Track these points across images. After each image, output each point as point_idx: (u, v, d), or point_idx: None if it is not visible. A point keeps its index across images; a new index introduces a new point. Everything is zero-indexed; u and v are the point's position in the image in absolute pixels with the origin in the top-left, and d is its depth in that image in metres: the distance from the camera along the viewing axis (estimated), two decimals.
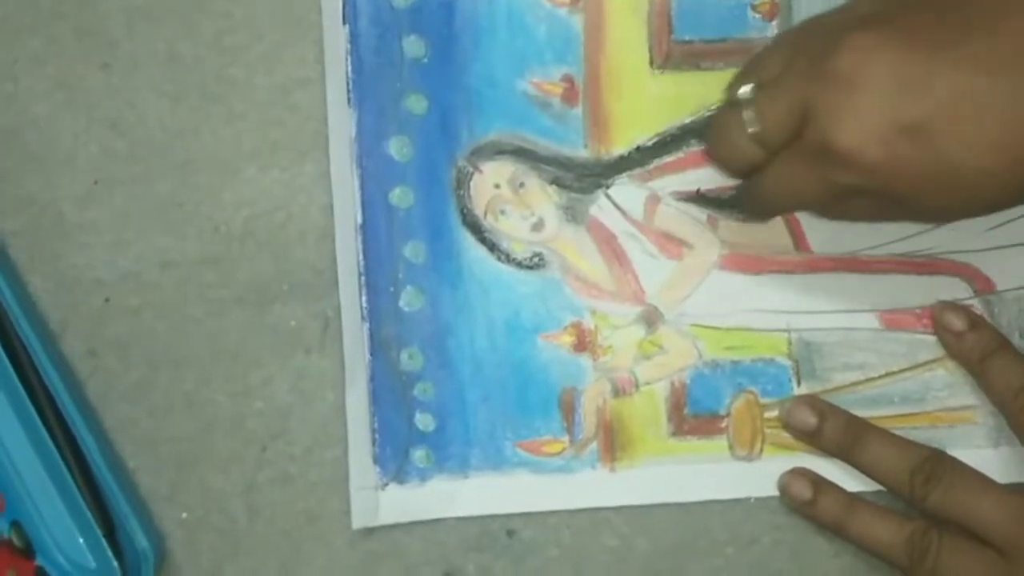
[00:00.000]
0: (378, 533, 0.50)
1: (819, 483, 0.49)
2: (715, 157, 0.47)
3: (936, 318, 0.49)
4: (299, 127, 0.49)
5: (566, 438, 0.50)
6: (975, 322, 0.49)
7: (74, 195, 0.49)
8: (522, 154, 0.49)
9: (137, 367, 0.50)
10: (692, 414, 0.50)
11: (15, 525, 0.47)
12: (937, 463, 0.47)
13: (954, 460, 0.47)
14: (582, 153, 0.50)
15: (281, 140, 0.49)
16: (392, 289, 0.49)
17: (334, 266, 0.49)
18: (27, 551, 0.47)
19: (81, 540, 0.47)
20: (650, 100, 0.49)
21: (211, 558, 0.50)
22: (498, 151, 0.49)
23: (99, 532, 0.47)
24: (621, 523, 0.50)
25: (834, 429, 0.48)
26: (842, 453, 0.48)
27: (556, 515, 0.50)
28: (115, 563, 0.47)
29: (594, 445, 0.50)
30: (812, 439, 0.49)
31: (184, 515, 0.50)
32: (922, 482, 0.47)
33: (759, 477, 0.49)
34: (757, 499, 0.50)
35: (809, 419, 0.49)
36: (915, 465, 0.47)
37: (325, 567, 0.50)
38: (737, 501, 0.50)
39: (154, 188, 0.49)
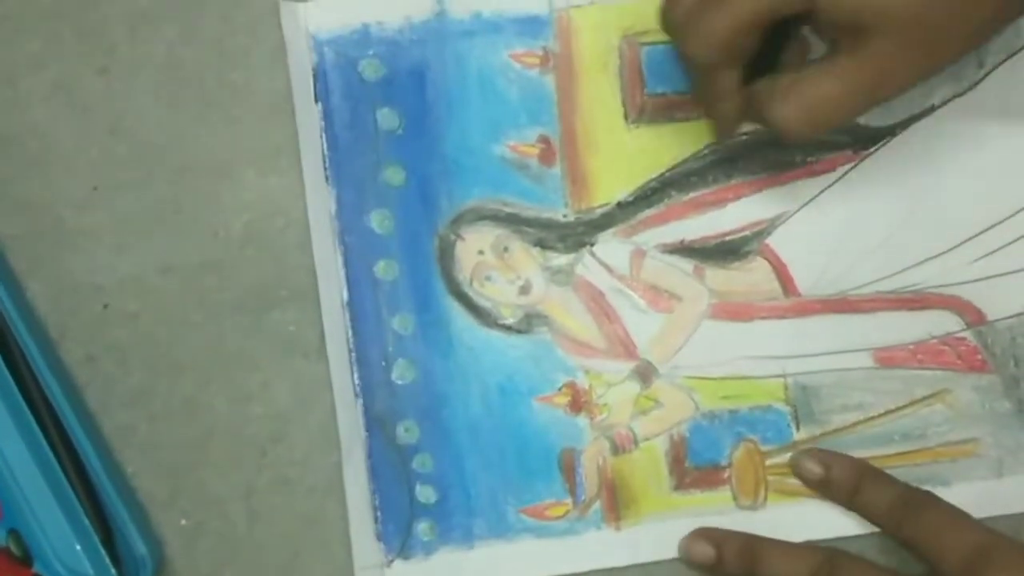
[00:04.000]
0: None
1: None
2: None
3: (795, 470, 0.49)
4: (298, 131, 0.49)
5: (569, 500, 0.49)
6: (830, 462, 0.49)
7: (73, 200, 0.49)
8: (504, 218, 0.49)
9: (136, 372, 0.49)
10: (694, 466, 0.49)
11: (13, 533, 0.47)
12: (834, 566, 0.46)
13: (849, 558, 0.47)
14: (563, 212, 0.49)
15: (280, 144, 0.49)
16: (383, 363, 0.49)
17: None
18: (25, 559, 0.46)
19: (79, 547, 0.46)
20: (627, 155, 0.49)
21: (210, 564, 0.49)
22: (479, 217, 0.49)
23: (97, 539, 0.47)
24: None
25: (731, 554, 0.48)
26: (745, 575, 0.48)
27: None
28: (113, 570, 0.47)
29: (597, 505, 0.49)
30: (714, 569, 0.48)
31: (183, 521, 0.49)
32: None
33: (765, 525, 0.49)
34: None
35: (707, 550, 0.48)
36: (814, 570, 0.46)
37: (324, 572, 0.49)
38: None
39: (153, 193, 0.49)
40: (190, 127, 0.49)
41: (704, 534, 0.49)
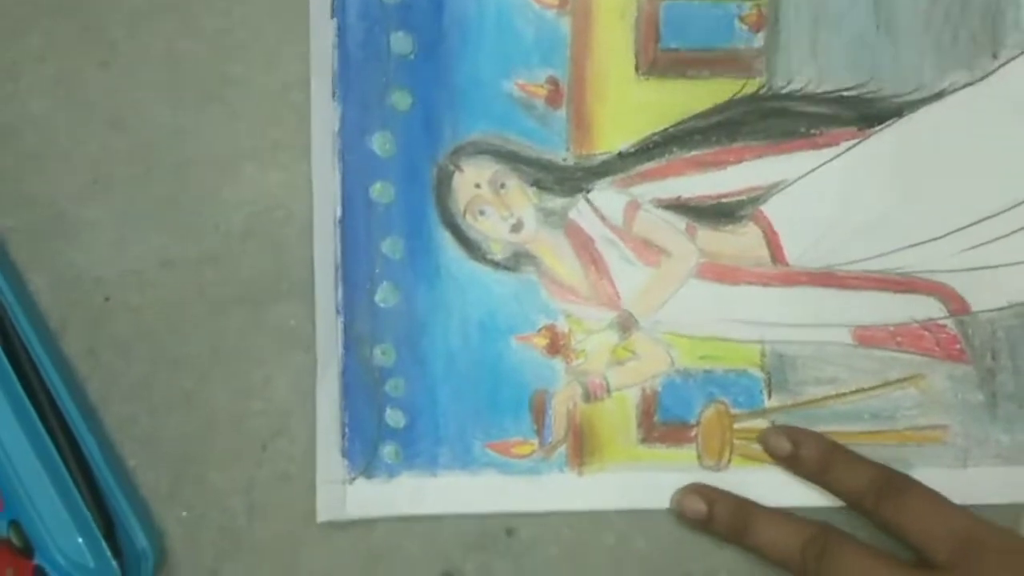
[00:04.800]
0: (377, 532, 0.50)
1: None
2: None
3: (763, 444, 0.49)
4: (298, 125, 0.49)
5: (536, 440, 0.50)
6: (799, 439, 0.49)
7: (74, 194, 0.49)
8: (504, 154, 0.49)
9: (137, 366, 0.50)
10: (662, 421, 0.50)
11: (14, 524, 0.47)
12: (826, 538, 0.47)
13: (841, 535, 0.47)
14: (564, 156, 0.50)
15: (281, 138, 0.49)
16: (368, 284, 0.49)
17: None
18: (26, 550, 0.46)
19: (80, 539, 0.47)
20: (634, 106, 0.49)
21: (211, 556, 0.50)
22: (480, 151, 0.49)
23: (98, 531, 0.47)
24: (620, 521, 0.50)
25: (723, 514, 0.48)
26: (734, 537, 0.48)
27: (555, 513, 0.50)
28: (114, 562, 0.47)
29: (563, 448, 0.50)
30: (704, 526, 0.49)
31: (184, 514, 0.50)
32: (814, 558, 0.46)
33: (726, 487, 0.49)
34: None
35: (699, 506, 0.49)
36: (805, 541, 0.47)
37: (325, 565, 0.50)
38: None
39: (154, 187, 0.49)
40: (190, 121, 0.49)
41: (698, 490, 0.49)
